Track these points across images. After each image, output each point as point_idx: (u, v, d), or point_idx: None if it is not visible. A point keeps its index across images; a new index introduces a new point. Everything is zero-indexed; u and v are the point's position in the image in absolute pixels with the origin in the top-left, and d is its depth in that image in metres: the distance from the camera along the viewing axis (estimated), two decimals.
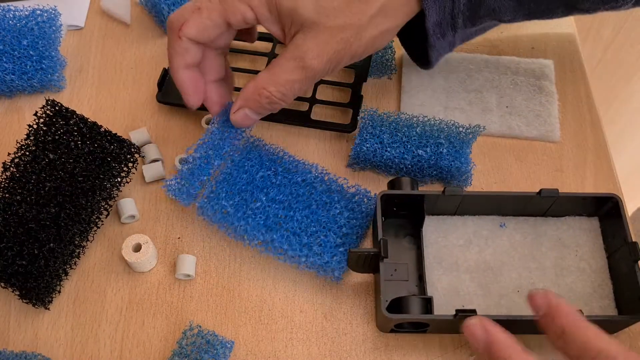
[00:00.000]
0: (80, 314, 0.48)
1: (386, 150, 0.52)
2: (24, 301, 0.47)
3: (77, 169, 0.48)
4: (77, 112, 0.50)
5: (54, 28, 0.57)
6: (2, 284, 0.47)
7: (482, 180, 0.55)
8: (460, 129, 0.52)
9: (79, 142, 0.49)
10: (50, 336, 0.47)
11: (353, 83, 0.58)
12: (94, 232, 0.50)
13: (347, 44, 0.45)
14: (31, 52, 0.56)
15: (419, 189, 0.49)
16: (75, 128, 0.49)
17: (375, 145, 0.52)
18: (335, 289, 0.49)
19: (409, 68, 0.60)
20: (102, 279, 0.50)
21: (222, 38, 0.49)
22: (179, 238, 0.51)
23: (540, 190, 0.47)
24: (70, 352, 0.47)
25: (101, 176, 0.49)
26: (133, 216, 0.52)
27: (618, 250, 0.47)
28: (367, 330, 0.48)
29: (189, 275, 0.49)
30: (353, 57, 0.47)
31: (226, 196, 0.49)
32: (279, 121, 0.57)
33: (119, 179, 0.50)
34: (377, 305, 0.47)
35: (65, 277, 0.49)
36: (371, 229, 0.51)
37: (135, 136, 0.55)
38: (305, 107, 0.57)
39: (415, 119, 0.53)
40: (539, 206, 0.50)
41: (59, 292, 0.49)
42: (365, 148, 0.52)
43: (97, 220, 0.50)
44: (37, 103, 0.56)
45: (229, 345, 0.45)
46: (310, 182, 0.51)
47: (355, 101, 0.57)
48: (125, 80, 0.60)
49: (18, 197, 0.47)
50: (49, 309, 0.48)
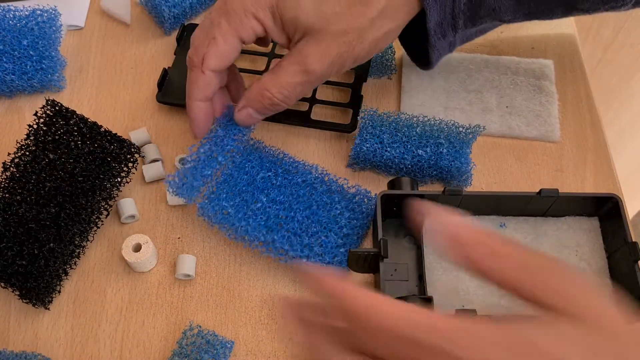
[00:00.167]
0: (80, 314, 0.48)
1: (386, 150, 0.52)
2: (24, 301, 0.47)
3: (77, 169, 0.48)
4: (77, 112, 0.50)
5: (54, 28, 0.57)
6: (2, 284, 0.47)
7: (482, 180, 0.55)
8: (460, 129, 0.52)
9: (79, 142, 0.49)
10: (50, 336, 0.47)
11: (353, 83, 0.58)
12: (94, 232, 0.50)
13: (349, 47, 0.45)
14: (31, 52, 0.56)
15: (419, 189, 0.49)
16: (75, 128, 0.49)
17: (375, 145, 0.52)
18: None
19: (409, 68, 0.60)
20: (102, 279, 0.50)
21: None
22: (179, 238, 0.51)
23: (540, 190, 0.47)
24: (70, 352, 0.47)
25: (101, 176, 0.49)
26: (133, 216, 0.52)
27: (618, 251, 0.47)
28: None
29: (189, 275, 0.49)
30: (356, 60, 0.47)
31: (227, 197, 0.49)
32: (279, 121, 0.57)
33: (119, 179, 0.50)
34: None
35: (65, 277, 0.49)
36: (371, 229, 0.51)
37: (135, 136, 0.55)
38: (305, 107, 0.57)
39: (415, 119, 0.53)
40: (539, 206, 0.49)
41: (59, 292, 0.49)
42: (365, 148, 0.52)
43: (97, 220, 0.50)
44: (37, 103, 0.56)
45: (229, 345, 0.45)
46: (311, 183, 0.51)
47: (355, 101, 0.57)
48: (125, 80, 0.60)
49: (18, 197, 0.47)
50: (49, 309, 0.48)
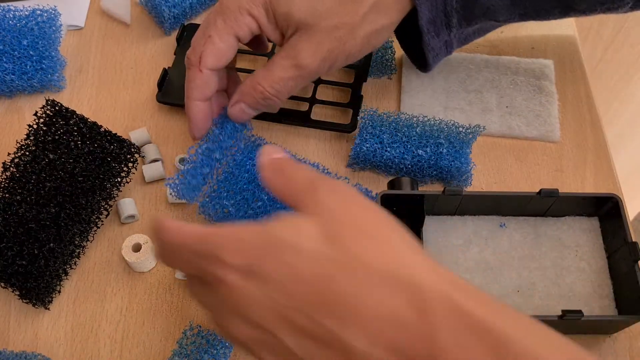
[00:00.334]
0: (80, 314, 0.48)
1: (386, 150, 0.52)
2: (24, 301, 0.47)
3: (77, 169, 0.48)
4: (77, 112, 0.50)
5: (54, 28, 0.57)
6: (2, 284, 0.47)
7: (482, 180, 0.55)
8: (460, 129, 0.52)
9: (79, 142, 0.49)
10: (50, 336, 0.47)
11: (353, 83, 0.58)
12: (94, 232, 0.50)
13: (340, 43, 0.46)
14: (31, 52, 0.56)
15: (418, 189, 0.49)
16: (75, 128, 0.49)
17: (375, 145, 0.52)
18: None
19: (409, 68, 0.60)
20: (102, 279, 0.50)
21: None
22: None
23: (540, 190, 0.47)
24: (70, 352, 0.47)
25: (101, 176, 0.49)
26: (133, 216, 0.52)
27: (618, 250, 0.47)
28: None
29: None
30: (348, 57, 0.47)
31: (227, 195, 0.49)
32: (279, 121, 0.57)
33: (119, 179, 0.50)
34: None
35: (65, 277, 0.49)
36: None
37: (135, 136, 0.55)
38: (305, 107, 0.57)
39: (415, 119, 0.53)
40: (539, 206, 0.49)
41: (59, 292, 0.49)
42: (365, 148, 0.52)
43: (97, 220, 0.50)
44: (37, 103, 0.56)
45: (229, 346, 0.45)
46: None
47: (355, 101, 0.57)
48: (125, 80, 0.60)
49: (18, 197, 0.47)
50: (49, 309, 0.48)
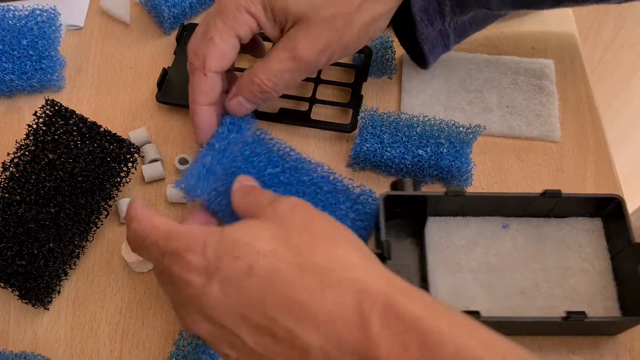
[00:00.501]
0: (79, 314, 0.48)
1: (386, 150, 0.52)
2: (24, 301, 0.47)
3: (77, 169, 0.48)
4: (77, 112, 0.50)
5: (53, 28, 0.57)
6: (2, 284, 0.47)
7: (482, 180, 0.55)
8: (461, 128, 0.52)
9: (79, 142, 0.49)
10: (49, 336, 0.47)
11: (353, 83, 0.58)
12: (93, 232, 0.50)
13: (338, 34, 0.46)
14: (31, 52, 0.56)
15: (420, 187, 0.49)
16: (74, 128, 0.49)
17: (376, 145, 0.52)
18: None
19: (409, 68, 0.60)
20: (101, 279, 0.50)
21: None
22: None
23: (544, 191, 0.47)
24: (70, 352, 0.47)
25: (101, 176, 0.48)
26: None
27: (622, 252, 0.47)
28: None
29: None
30: (346, 47, 0.48)
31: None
32: (279, 121, 0.56)
33: (119, 179, 0.50)
34: None
35: (64, 277, 0.49)
36: (373, 231, 0.51)
37: (134, 136, 0.55)
38: (305, 107, 0.57)
39: (415, 118, 0.53)
40: (541, 207, 0.49)
41: (59, 292, 0.49)
42: (365, 148, 0.52)
43: (96, 220, 0.50)
44: (36, 103, 0.56)
45: None
46: (316, 182, 0.50)
47: (355, 101, 0.57)
48: (125, 80, 0.60)
49: (17, 197, 0.47)
50: (48, 309, 0.48)
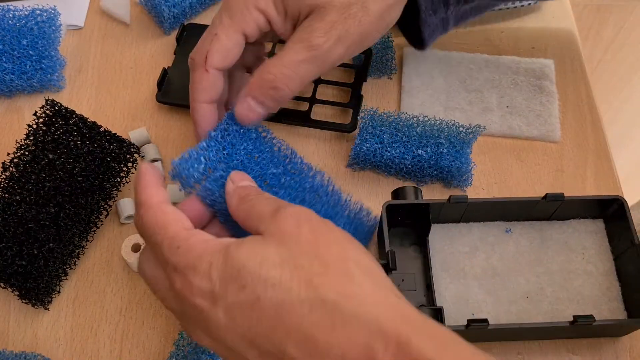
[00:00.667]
0: (79, 314, 0.48)
1: (386, 150, 0.51)
2: (24, 301, 0.47)
3: (77, 169, 0.48)
4: (77, 112, 0.50)
5: (53, 28, 0.57)
6: (2, 284, 0.47)
7: (482, 180, 0.55)
8: (461, 128, 0.52)
9: (79, 142, 0.49)
10: (49, 336, 0.47)
11: (353, 83, 0.58)
12: (93, 232, 0.50)
13: (355, 20, 0.43)
14: (31, 52, 0.56)
15: (422, 195, 0.49)
16: (74, 128, 0.49)
17: (376, 145, 0.52)
18: None
19: (409, 68, 0.60)
20: (101, 279, 0.50)
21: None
22: None
23: (546, 194, 0.47)
24: (70, 352, 0.47)
25: (101, 176, 0.48)
26: (132, 216, 0.51)
27: (625, 252, 0.47)
28: None
29: None
30: (363, 36, 0.44)
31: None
32: (279, 121, 0.56)
33: (119, 179, 0.50)
34: None
35: (64, 277, 0.49)
36: (376, 240, 0.51)
37: (134, 136, 0.55)
38: (305, 107, 0.57)
39: (415, 118, 0.53)
40: (544, 210, 0.49)
41: (59, 292, 0.49)
42: (365, 148, 0.52)
43: (96, 220, 0.50)
44: (36, 103, 0.56)
45: None
46: (317, 190, 0.48)
47: (355, 101, 0.57)
48: (125, 80, 0.60)
49: (17, 197, 0.47)
50: (48, 309, 0.48)
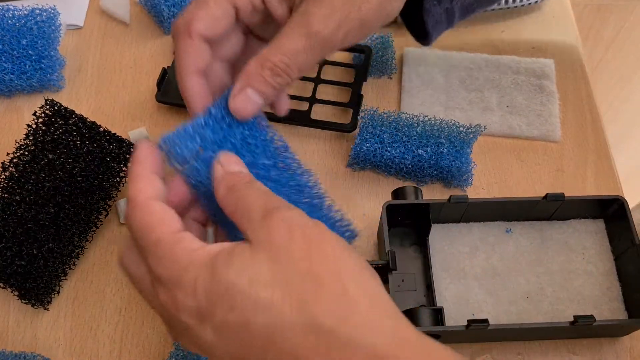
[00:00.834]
0: (79, 314, 0.48)
1: (386, 150, 0.51)
2: (23, 301, 0.47)
3: (76, 169, 0.48)
4: (76, 112, 0.50)
5: (53, 27, 0.57)
6: (2, 284, 0.47)
7: (482, 180, 0.55)
8: (461, 128, 0.52)
9: (78, 142, 0.49)
10: (49, 336, 0.47)
11: (353, 83, 0.58)
12: (93, 232, 0.50)
13: (355, 6, 0.42)
14: (30, 52, 0.56)
15: (422, 195, 0.49)
16: (74, 128, 0.49)
17: (376, 145, 0.52)
18: None
19: (409, 68, 0.60)
20: (101, 279, 0.50)
21: (228, 42, 0.45)
22: None
23: (546, 194, 0.47)
24: (70, 353, 0.47)
25: (100, 176, 0.48)
26: None
27: (625, 252, 0.47)
28: None
29: None
30: (363, 23, 0.43)
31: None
32: (278, 121, 0.56)
33: (118, 179, 0.50)
34: None
35: (64, 277, 0.49)
36: (375, 240, 0.51)
37: (134, 136, 0.55)
38: (305, 106, 0.57)
39: (415, 118, 0.53)
40: (544, 210, 0.49)
41: (58, 292, 0.49)
42: (365, 148, 0.52)
43: (96, 220, 0.50)
44: (36, 103, 0.56)
45: None
46: (302, 190, 0.45)
47: (356, 101, 0.57)
48: (125, 80, 0.60)
49: (17, 197, 0.47)
50: (48, 309, 0.48)
